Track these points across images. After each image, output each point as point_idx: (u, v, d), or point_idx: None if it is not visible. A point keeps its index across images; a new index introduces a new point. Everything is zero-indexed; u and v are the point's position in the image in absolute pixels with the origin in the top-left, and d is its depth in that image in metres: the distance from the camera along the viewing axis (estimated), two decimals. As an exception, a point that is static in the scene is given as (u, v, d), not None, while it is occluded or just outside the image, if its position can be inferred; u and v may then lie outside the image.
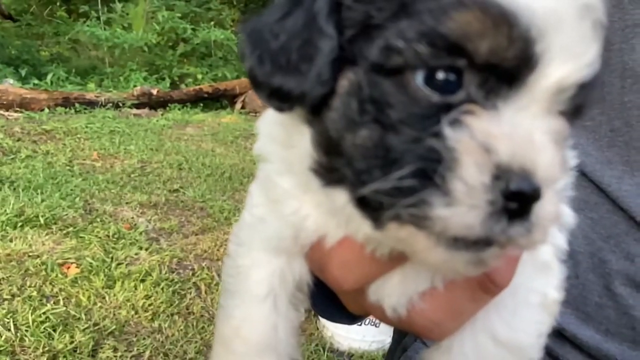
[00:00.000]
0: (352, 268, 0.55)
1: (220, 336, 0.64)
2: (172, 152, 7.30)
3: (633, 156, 0.75)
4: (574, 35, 0.41)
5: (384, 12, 0.41)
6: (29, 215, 4.26)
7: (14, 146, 6.18)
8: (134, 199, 5.26)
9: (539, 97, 0.41)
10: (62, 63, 11.67)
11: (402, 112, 0.41)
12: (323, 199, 0.50)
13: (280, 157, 0.55)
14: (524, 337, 0.56)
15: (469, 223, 0.39)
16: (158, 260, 4.09)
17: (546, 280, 0.58)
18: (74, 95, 8.92)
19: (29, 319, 3.04)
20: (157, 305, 3.54)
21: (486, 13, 0.38)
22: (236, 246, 0.63)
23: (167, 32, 12.58)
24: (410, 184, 0.39)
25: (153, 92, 9.99)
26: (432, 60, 0.40)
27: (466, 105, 0.40)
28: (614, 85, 0.76)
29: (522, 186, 0.38)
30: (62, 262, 3.76)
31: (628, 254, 0.75)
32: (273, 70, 0.45)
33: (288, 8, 0.46)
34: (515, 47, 0.39)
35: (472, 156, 0.38)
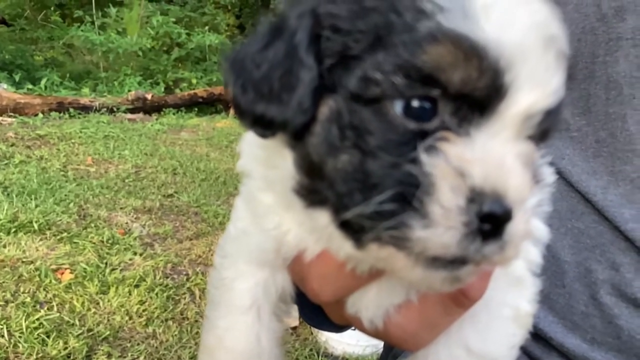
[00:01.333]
0: (330, 281, 0.57)
1: (205, 346, 0.66)
2: (167, 156, 7.30)
3: (618, 166, 0.76)
4: (540, 65, 0.44)
5: (360, 43, 0.43)
6: (23, 221, 4.26)
7: (8, 151, 6.17)
8: (128, 204, 5.25)
9: (508, 123, 0.43)
10: (56, 68, 11.66)
11: (380, 138, 0.43)
12: (303, 217, 0.52)
13: (262, 175, 0.57)
14: (497, 349, 0.58)
15: (446, 243, 0.41)
16: (152, 265, 4.09)
17: (519, 294, 0.60)
18: (68, 100, 8.91)
19: (22, 325, 3.03)
20: (151, 310, 3.54)
21: (458, 46, 0.41)
22: (221, 258, 0.65)
23: (162, 37, 12.60)
24: (390, 207, 0.41)
25: (147, 96, 10.00)
26: (408, 91, 0.42)
27: (441, 132, 0.42)
28: (599, 97, 0.78)
29: (495, 208, 0.41)
30: (56, 268, 3.75)
31: (613, 264, 0.76)
32: (256, 99, 0.47)
33: (269, 39, 0.48)
34: (486, 77, 0.41)
35: (447, 180, 0.41)
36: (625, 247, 0.75)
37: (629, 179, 0.75)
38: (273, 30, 0.48)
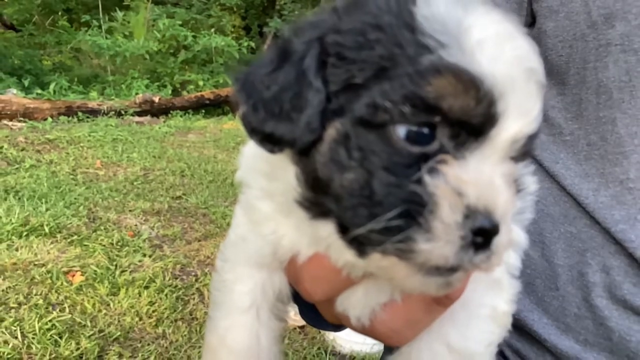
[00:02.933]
0: (321, 282, 0.61)
1: (208, 345, 0.70)
2: (175, 159, 7.36)
3: (608, 168, 0.79)
4: (525, 95, 0.48)
5: (365, 72, 0.48)
6: (34, 225, 4.32)
7: (18, 156, 6.24)
8: (137, 207, 5.32)
9: (498, 147, 0.48)
10: (64, 72, 11.76)
11: (386, 160, 0.47)
12: (304, 225, 0.56)
13: (260, 185, 0.61)
14: (475, 345, 0.62)
15: (445, 255, 0.46)
16: (161, 266, 4.14)
17: (496, 295, 0.64)
18: (76, 104, 8.99)
19: (35, 327, 3.08)
20: (161, 311, 3.59)
21: (458, 78, 0.45)
22: (222, 262, 0.70)
23: (168, 40, 12.67)
24: (398, 223, 0.46)
25: (155, 99, 10.06)
26: (412, 118, 0.46)
27: (440, 155, 0.47)
28: (590, 102, 0.81)
29: (486, 224, 0.46)
30: (67, 270, 3.81)
31: (604, 267, 0.79)
32: (266, 118, 0.51)
33: (278, 62, 0.52)
34: (482, 106, 0.46)
35: (447, 200, 0.45)
36: (615, 250, 0.78)
37: (618, 181, 0.78)
38: (281, 55, 0.52)
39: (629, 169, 0.76)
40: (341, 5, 0.52)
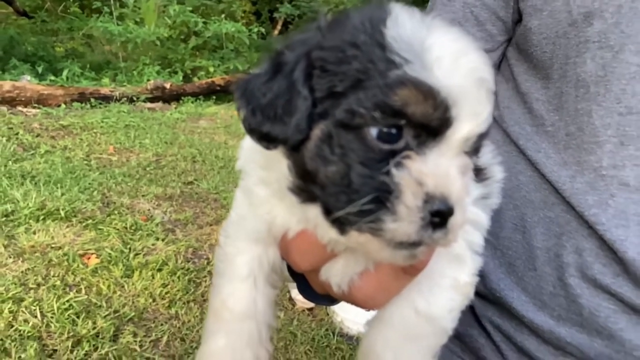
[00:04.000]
0: (307, 254, 0.71)
1: (212, 307, 0.80)
2: (186, 145, 7.45)
3: (584, 157, 0.85)
4: (475, 102, 0.57)
5: (344, 82, 0.56)
6: (50, 209, 4.43)
7: (34, 142, 6.36)
8: (150, 192, 5.43)
9: (453, 145, 0.57)
10: (76, 59, 11.84)
11: (361, 156, 0.57)
12: (295, 208, 0.66)
13: (257, 174, 0.71)
14: (439, 310, 0.71)
15: (408, 232, 0.55)
16: (174, 250, 4.25)
17: (458, 268, 0.73)
18: (89, 91, 9.07)
19: (53, 307, 3.20)
20: (173, 293, 3.70)
21: (419, 90, 0.54)
22: (224, 238, 0.79)
23: (179, 26, 12.70)
24: (370, 207, 0.55)
25: (166, 85, 10.14)
26: (382, 121, 0.56)
27: (405, 152, 0.56)
28: (570, 95, 0.86)
29: (442, 207, 0.55)
30: (83, 253, 3.93)
31: (577, 249, 0.85)
32: (263, 120, 0.60)
33: (272, 74, 0.61)
34: (439, 112, 0.55)
35: (410, 188, 0.55)
36: (587, 234, 0.84)
37: (592, 168, 0.83)
38: (275, 67, 0.61)
39: (602, 158, 0.82)
40: (324, 24, 0.62)
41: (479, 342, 1.01)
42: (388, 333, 0.72)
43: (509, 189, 0.96)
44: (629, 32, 0.79)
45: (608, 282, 0.82)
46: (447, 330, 0.74)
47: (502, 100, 1.02)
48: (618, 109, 0.80)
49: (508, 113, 0.99)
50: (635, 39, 0.78)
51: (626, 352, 0.81)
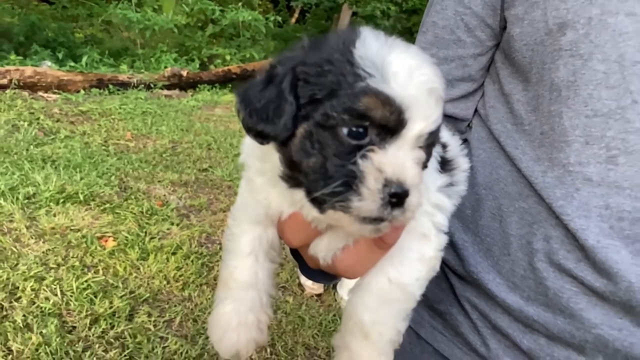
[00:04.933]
0: (297, 232, 0.83)
1: (221, 279, 0.93)
2: (202, 132, 7.59)
3: (554, 154, 0.93)
4: (426, 107, 0.69)
5: (322, 91, 0.69)
6: (70, 192, 4.59)
7: (54, 127, 6.53)
8: (166, 178, 5.57)
9: (408, 141, 0.69)
10: (95, 45, 12.01)
11: (334, 150, 0.69)
12: (286, 193, 0.78)
13: (256, 166, 0.84)
14: (407, 279, 0.84)
15: (371, 209, 0.67)
16: (188, 235, 4.39)
17: (424, 244, 0.85)
18: (107, 77, 9.23)
19: (73, 286, 3.35)
20: (187, 276, 3.84)
21: (378, 98, 0.66)
22: (231, 220, 0.92)
23: (196, 14, 12.83)
24: (340, 190, 0.68)
25: (183, 73, 10.27)
26: (351, 123, 0.68)
27: (369, 147, 0.68)
28: (544, 97, 0.95)
29: (398, 190, 0.67)
30: (101, 236, 4.08)
31: (545, 236, 0.94)
32: (257, 121, 0.72)
33: (265, 84, 0.73)
34: (394, 115, 0.67)
35: (372, 175, 0.67)
36: (555, 223, 0.93)
37: (561, 165, 0.92)
38: (268, 79, 0.73)
39: (570, 155, 0.90)
40: (307, 45, 0.74)
41: (458, 319, 1.11)
42: (366, 298, 0.84)
43: (490, 181, 1.05)
44: (597, 42, 0.87)
45: (571, 266, 0.91)
46: (415, 296, 0.86)
47: (489, 100, 1.10)
48: (585, 111, 0.89)
49: (492, 112, 1.08)
50: (602, 49, 0.86)
51: (585, 329, 0.90)
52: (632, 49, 0.84)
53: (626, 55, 0.85)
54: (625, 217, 0.86)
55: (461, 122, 1.18)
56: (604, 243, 0.87)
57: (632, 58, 0.84)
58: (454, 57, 1.11)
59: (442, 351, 1.14)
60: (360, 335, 0.84)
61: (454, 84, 1.13)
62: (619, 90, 0.86)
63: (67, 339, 2.93)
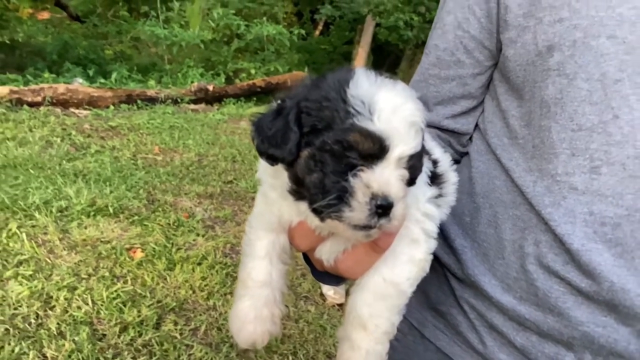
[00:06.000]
0: (304, 238, 0.95)
1: (240, 278, 1.05)
2: (227, 145, 7.74)
3: (544, 165, 1.00)
4: (405, 137, 0.80)
5: (321, 123, 0.81)
6: (100, 206, 4.75)
7: (85, 142, 6.75)
8: (192, 190, 5.72)
9: (391, 162, 0.80)
10: (124, 61, 12.34)
11: (331, 169, 0.80)
12: (293, 205, 0.91)
13: (269, 182, 0.97)
14: (399, 278, 0.95)
15: (360, 218, 0.79)
16: (213, 245, 4.51)
17: (414, 248, 0.96)
18: (136, 92, 9.45)
19: (103, 295, 3.49)
20: (212, 285, 3.95)
21: (363, 134, 0.78)
22: (249, 227, 1.05)
23: (222, 29, 13.05)
24: (335, 202, 0.79)
25: (209, 87, 10.47)
26: (342, 152, 0.80)
27: (359, 167, 0.79)
28: (536, 113, 1.02)
29: (383, 202, 0.78)
30: (129, 247, 4.23)
31: (536, 241, 1.01)
32: (268, 146, 0.85)
33: (275, 115, 0.86)
34: (377, 145, 0.79)
35: (361, 190, 0.78)
36: (544, 229, 1.00)
37: (550, 175, 0.99)
38: (278, 111, 0.86)
39: (557, 166, 0.98)
40: (309, 84, 0.87)
41: (458, 319, 1.18)
42: (364, 295, 0.95)
43: (487, 190, 1.13)
44: (581, 62, 0.94)
45: (558, 268, 0.98)
46: (406, 293, 0.97)
47: (487, 115, 1.18)
48: (571, 126, 0.96)
49: (491, 126, 1.15)
50: (586, 69, 0.93)
51: (572, 327, 0.97)
52: (613, 68, 0.92)
53: (608, 74, 0.92)
54: (607, 223, 0.93)
55: (463, 136, 1.26)
56: (588, 247, 0.94)
57: (613, 77, 0.92)
58: (455, 77, 1.19)
59: (443, 349, 1.22)
60: (360, 326, 0.95)
61: (455, 101, 1.21)
62: (602, 106, 0.93)
63: (98, 346, 3.06)
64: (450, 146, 1.25)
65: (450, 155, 1.14)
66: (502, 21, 1.07)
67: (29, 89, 8.24)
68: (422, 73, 1.25)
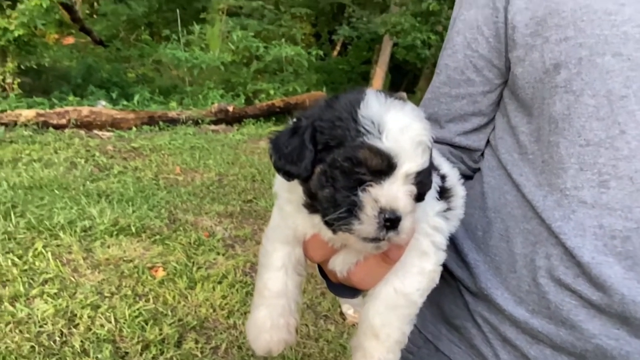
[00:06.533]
0: (317, 250, 0.98)
1: (256, 288, 1.08)
2: (247, 165, 7.83)
3: (553, 180, 1.02)
4: (412, 155, 0.83)
5: (333, 141, 0.85)
6: (123, 225, 4.85)
7: (108, 163, 6.90)
8: (213, 209, 5.79)
9: (399, 178, 0.83)
10: (146, 83, 12.58)
11: (342, 184, 0.84)
12: (307, 217, 0.94)
13: (285, 196, 1.00)
14: (409, 289, 0.97)
15: (369, 231, 0.82)
16: (233, 264, 4.55)
17: (424, 260, 0.99)
18: (158, 114, 9.65)
19: (125, 314, 3.54)
20: (232, 304, 3.98)
21: (372, 151, 0.82)
22: (265, 239, 1.07)
23: (242, 51, 13.25)
24: (345, 215, 0.83)
25: (229, 108, 10.62)
26: (352, 168, 0.83)
27: (368, 182, 0.83)
28: (545, 129, 1.04)
29: (391, 216, 0.81)
30: (151, 266, 4.29)
31: (547, 254, 1.03)
32: (285, 163, 0.89)
33: (291, 133, 0.90)
34: (385, 162, 0.82)
35: (369, 204, 0.81)
36: (555, 242, 1.01)
37: (559, 189, 1.01)
38: (294, 130, 0.90)
39: (566, 180, 1.00)
40: (323, 104, 0.91)
41: (472, 332, 1.19)
42: (376, 305, 0.98)
43: (498, 205, 1.15)
44: (587, 79, 0.96)
45: (570, 281, 0.99)
46: (417, 303, 0.99)
47: (498, 131, 1.20)
48: (579, 141, 0.98)
49: (501, 142, 1.18)
50: (591, 85, 0.96)
51: (585, 339, 0.98)
52: (618, 85, 0.94)
53: (614, 91, 0.94)
54: (617, 236, 0.94)
55: (474, 152, 1.28)
56: (598, 259, 0.95)
57: (619, 93, 0.94)
58: (465, 95, 1.22)
59: None
60: (372, 335, 0.98)
61: (466, 119, 1.24)
62: (608, 121, 0.95)
63: (120, 364, 3.10)
64: (462, 162, 1.28)
65: (462, 171, 1.16)
66: (510, 40, 1.10)
67: (54, 111, 8.48)
68: (433, 91, 1.28)
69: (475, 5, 1.18)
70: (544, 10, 1.03)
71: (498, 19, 1.12)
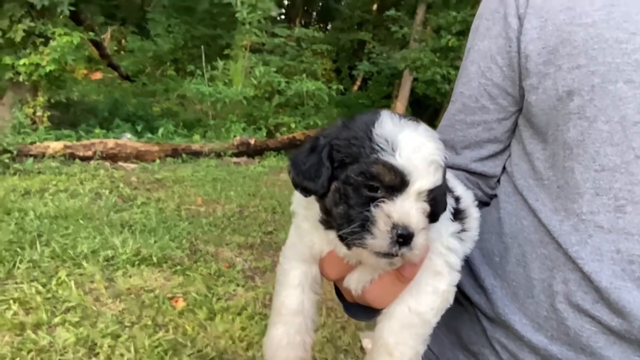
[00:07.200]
0: (333, 267, 0.99)
1: (273, 306, 1.09)
2: (267, 197, 7.88)
3: (569, 205, 1.03)
4: (425, 173, 0.85)
5: (349, 158, 0.87)
6: (144, 255, 4.90)
7: (132, 194, 7.01)
8: (233, 241, 5.82)
9: (412, 194, 0.85)
10: (171, 117, 12.85)
11: (356, 200, 0.86)
12: (324, 234, 0.97)
13: (302, 213, 1.02)
14: (424, 308, 0.98)
15: (382, 246, 0.83)
16: (253, 296, 4.55)
17: (438, 280, 0.99)
18: (181, 147, 9.84)
19: (145, 344, 3.55)
20: (251, 336, 3.96)
21: (386, 167, 0.84)
22: (283, 258, 1.09)
23: (264, 86, 13.49)
24: (358, 230, 0.85)
25: (251, 141, 10.77)
26: (366, 183, 0.86)
27: (381, 199, 0.85)
28: (559, 155, 1.06)
29: (404, 232, 0.83)
30: (172, 296, 4.31)
31: (564, 279, 1.02)
32: (303, 180, 0.92)
33: (309, 152, 0.93)
34: (398, 178, 0.84)
35: (382, 219, 0.83)
36: (572, 267, 1.01)
37: (575, 214, 1.01)
38: (312, 148, 0.93)
39: (582, 205, 1.00)
40: (340, 125, 0.94)
41: (490, 359, 1.18)
42: (391, 323, 0.99)
43: (515, 231, 1.16)
44: (600, 106, 0.98)
45: (588, 307, 0.98)
46: (430, 323, 0.99)
47: (514, 158, 1.22)
48: (594, 166, 0.99)
49: (517, 169, 1.19)
50: (605, 112, 0.97)
51: None
52: (631, 111, 0.95)
53: (627, 117, 0.96)
54: (635, 261, 0.94)
55: (491, 179, 1.29)
56: (616, 284, 0.95)
57: (632, 119, 0.95)
58: (480, 122, 1.24)
59: None
60: (386, 354, 0.98)
61: (482, 145, 1.26)
62: (623, 147, 0.96)
63: (139, 394, 3.10)
64: (479, 188, 1.29)
65: (479, 197, 1.17)
66: (524, 69, 1.13)
67: (81, 144, 8.69)
68: (449, 119, 1.30)
69: (489, 36, 1.21)
70: (555, 39, 1.05)
71: (511, 49, 1.15)
